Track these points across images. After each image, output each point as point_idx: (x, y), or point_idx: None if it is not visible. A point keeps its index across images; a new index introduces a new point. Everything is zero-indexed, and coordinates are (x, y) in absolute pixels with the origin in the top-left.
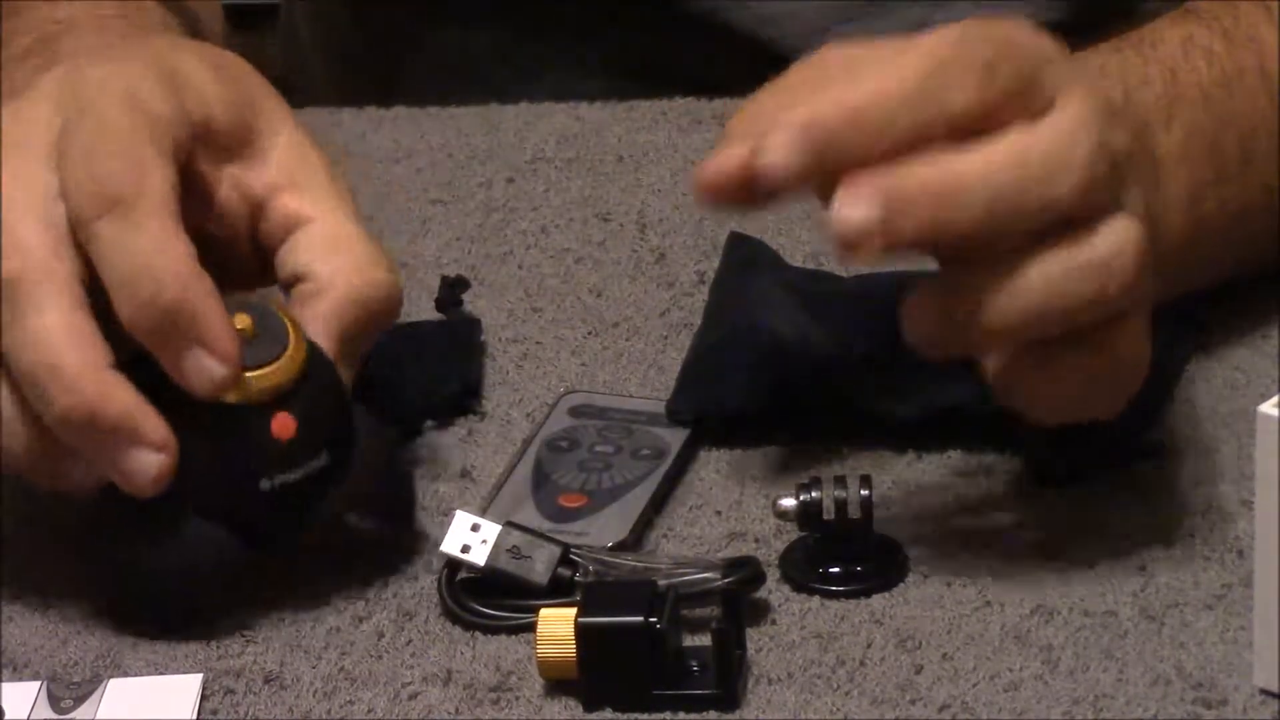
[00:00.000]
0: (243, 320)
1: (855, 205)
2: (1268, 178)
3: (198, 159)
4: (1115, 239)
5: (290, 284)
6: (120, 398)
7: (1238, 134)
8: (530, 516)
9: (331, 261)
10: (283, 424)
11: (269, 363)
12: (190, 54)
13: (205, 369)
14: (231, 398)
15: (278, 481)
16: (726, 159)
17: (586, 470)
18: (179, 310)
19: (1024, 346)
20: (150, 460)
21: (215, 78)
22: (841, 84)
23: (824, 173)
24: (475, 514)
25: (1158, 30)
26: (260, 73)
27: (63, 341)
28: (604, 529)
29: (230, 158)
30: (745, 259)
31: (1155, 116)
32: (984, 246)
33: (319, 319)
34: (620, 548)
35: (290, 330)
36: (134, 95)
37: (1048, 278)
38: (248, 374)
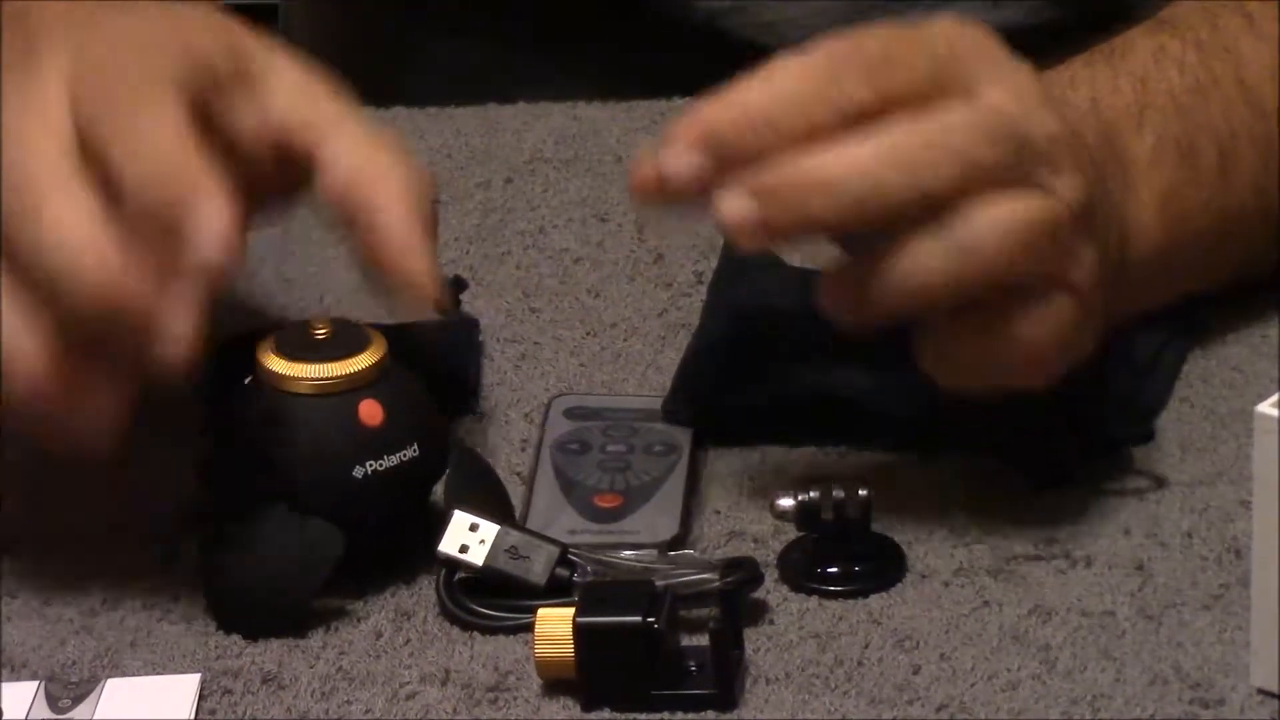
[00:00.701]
0: (322, 323)
1: (733, 201)
2: (1259, 180)
3: (211, 105)
4: (992, 219)
5: (344, 207)
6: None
7: (1214, 139)
8: (574, 521)
9: (375, 165)
10: (370, 411)
11: (350, 355)
12: (177, 11)
13: (206, 226)
14: (317, 389)
15: (370, 468)
16: (641, 166)
17: (608, 470)
18: (181, 179)
19: (930, 317)
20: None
21: (207, 28)
22: (742, 86)
23: (724, 171)
24: (473, 515)
25: (1130, 40)
26: None
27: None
28: (653, 526)
29: (239, 99)
30: (743, 259)
31: (1125, 123)
32: (874, 229)
33: (393, 208)
34: (675, 543)
35: (370, 332)
36: (144, 44)
37: (923, 258)
38: (331, 364)
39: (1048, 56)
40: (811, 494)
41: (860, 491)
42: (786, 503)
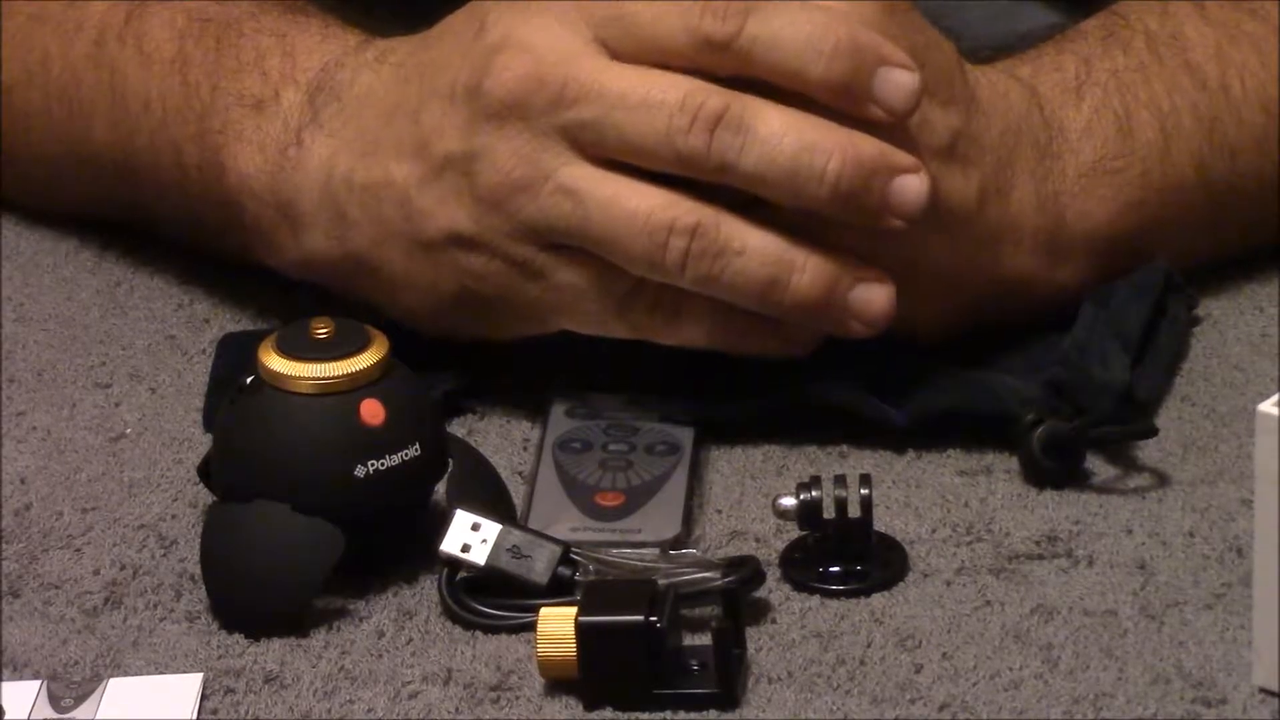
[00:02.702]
0: (323, 323)
1: None
2: (1203, 155)
3: None
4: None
5: None
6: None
7: (1155, 114)
8: (575, 518)
9: None
10: (371, 410)
11: (351, 354)
12: None
13: (897, 81)
14: (318, 388)
15: (371, 468)
16: None
17: (610, 469)
18: (857, 40)
19: None
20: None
21: None
22: None
23: None
24: (476, 514)
25: (1080, 28)
26: None
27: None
28: (655, 525)
29: None
30: None
31: (1062, 96)
32: None
33: None
34: (677, 542)
35: (372, 331)
36: None
37: None
38: (332, 364)
39: None
40: (813, 493)
41: (862, 490)
42: (788, 502)
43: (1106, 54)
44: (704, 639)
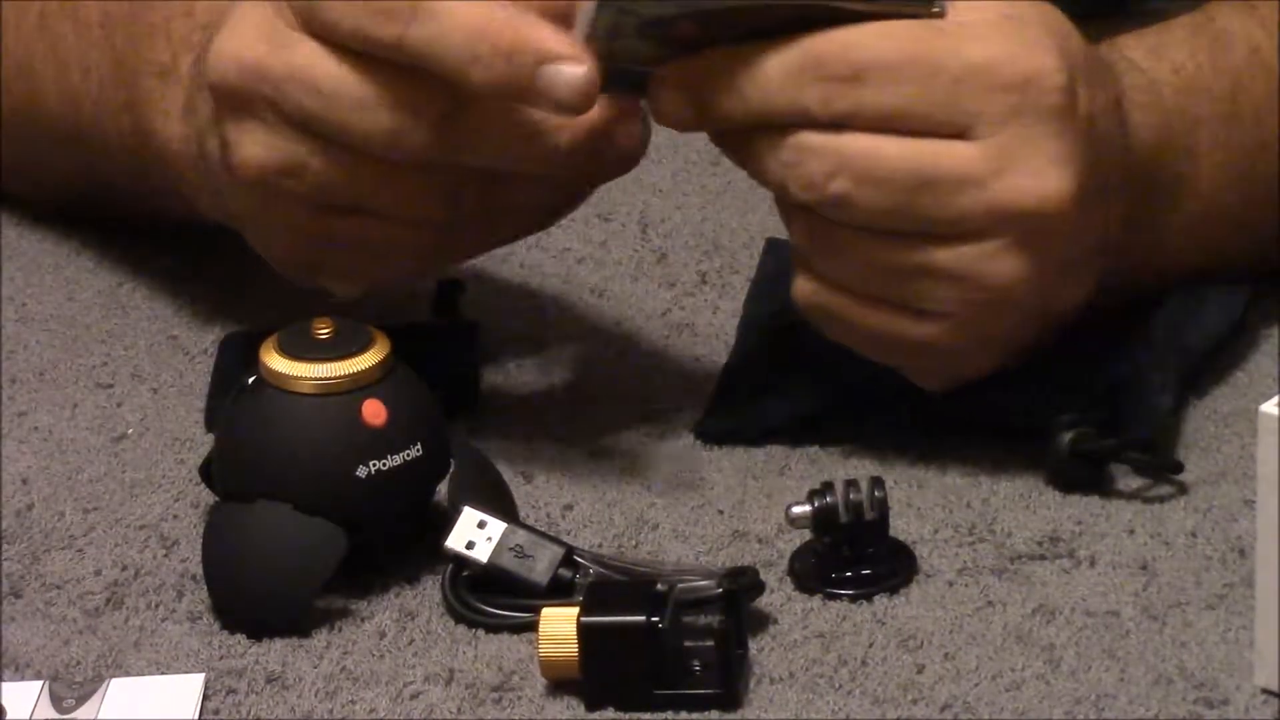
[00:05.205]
0: (325, 323)
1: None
2: (1263, 130)
3: None
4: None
5: None
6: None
7: (1229, 84)
8: None
9: None
10: (373, 411)
11: (353, 354)
12: None
13: (564, 75)
14: (320, 389)
15: (373, 468)
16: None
17: None
18: (515, 39)
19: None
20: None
21: None
22: None
23: None
24: (482, 512)
25: (1134, 33)
26: None
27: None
28: None
29: None
30: (778, 272)
31: (1138, 54)
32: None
33: None
34: None
35: (374, 332)
36: None
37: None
38: (334, 364)
39: None
40: (828, 499)
41: (876, 494)
42: (802, 509)
43: (1171, 36)
44: (706, 640)
